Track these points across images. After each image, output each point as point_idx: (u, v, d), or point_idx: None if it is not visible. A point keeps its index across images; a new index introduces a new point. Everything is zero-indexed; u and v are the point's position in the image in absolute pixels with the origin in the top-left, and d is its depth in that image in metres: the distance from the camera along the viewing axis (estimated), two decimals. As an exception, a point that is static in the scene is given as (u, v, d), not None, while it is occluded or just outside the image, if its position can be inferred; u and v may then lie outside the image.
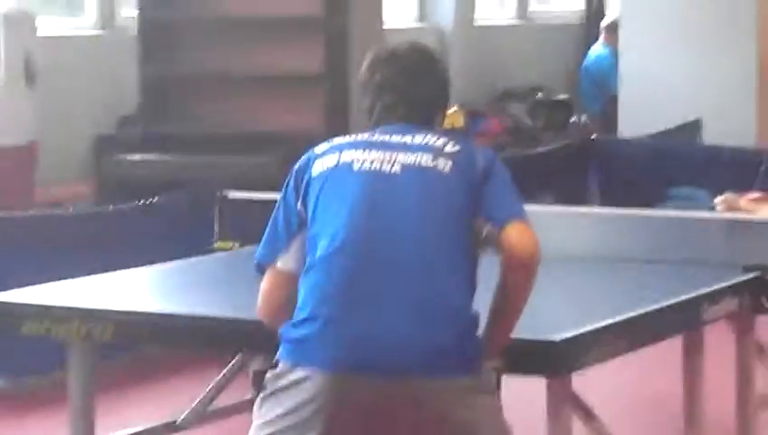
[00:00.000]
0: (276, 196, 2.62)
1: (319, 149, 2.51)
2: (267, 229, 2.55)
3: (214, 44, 6.99)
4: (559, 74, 10.86)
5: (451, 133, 2.69)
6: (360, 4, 7.14)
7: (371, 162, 2.43)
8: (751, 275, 3.43)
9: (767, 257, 3.65)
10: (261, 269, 2.51)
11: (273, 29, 6.95)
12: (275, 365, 2.38)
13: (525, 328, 2.82)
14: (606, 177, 7.44)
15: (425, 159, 2.44)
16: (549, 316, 3.10)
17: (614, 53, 9.47)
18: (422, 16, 9.96)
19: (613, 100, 9.11)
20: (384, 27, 7.74)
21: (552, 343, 2.75)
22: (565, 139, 8.66)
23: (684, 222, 4.30)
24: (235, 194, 4.31)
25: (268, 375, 2.41)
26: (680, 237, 4.10)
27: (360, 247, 2.36)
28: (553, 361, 2.83)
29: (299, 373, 2.31)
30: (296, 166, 2.52)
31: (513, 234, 2.37)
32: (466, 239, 2.45)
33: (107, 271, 3.69)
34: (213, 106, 7.10)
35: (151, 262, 3.88)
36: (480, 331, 2.47)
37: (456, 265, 2.44)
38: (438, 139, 2.48)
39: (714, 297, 3.36)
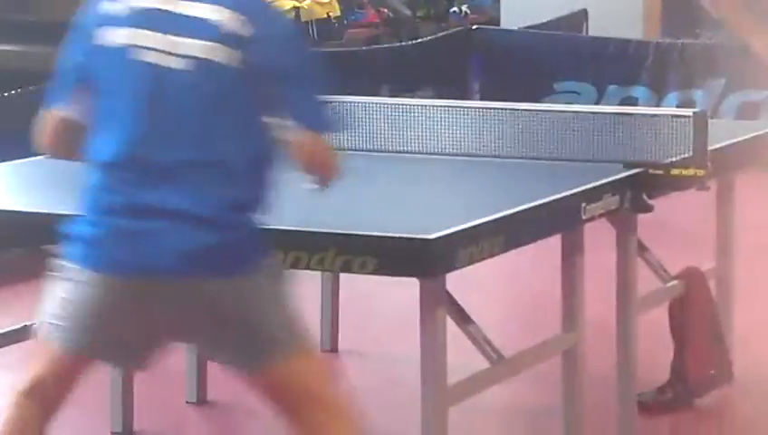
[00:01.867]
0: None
1: (107, 4, 2.42)
2: (59, 70, 2.53)
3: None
4: None
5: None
6: None
7: (153, 49, 2.35)
8: (632, 172, 3.40)
9: (650, 154, 3.62)
10: (47, 108, 2.52)
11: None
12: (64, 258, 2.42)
13: (397, 226, 2.85)
14: (487, 70, 7.54)
15: (208, 50, 2.36)
16: (423, 214, 3.07)
17: None
18: None
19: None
20: None
21: (425, 242, 2.69)
22: (445, 29, 8.73)
23: (565, 117, 4.32)
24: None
25: (59, 264, 2.45)
26: (561, 134, 4.14)
27: (140, 157, 2.35)
28: (427, 260, 2.78)
29: (84, 274, 2.36)
30: (88, 13, 2.46)
31: (306, 143, 2.41)
32: (254, 116, 2.43)
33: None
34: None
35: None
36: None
37: (238, 146, 2.44)
38: (218, 7, 2.37)
39: (593, 195, 3.31)
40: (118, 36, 2.41)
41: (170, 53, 2.39)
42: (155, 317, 2.46)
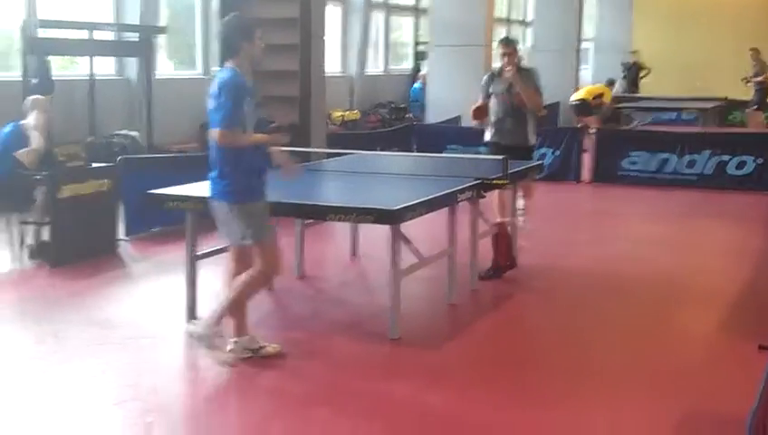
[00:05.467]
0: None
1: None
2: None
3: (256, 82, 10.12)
4: (402, 95, 19.05)
5: (222, 72, 4.81)
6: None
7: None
8: (476, 182, 6.27)
9: (485, 173, 6.48)
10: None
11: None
12: None
13: (381, 204, 5.30)
14: (419, 140, 13.05)
15: (210, 103, 4.76)
16: (392, 198, 5.50)
17: (424, 87, 16.72)
18: (343, 68, 17.95)
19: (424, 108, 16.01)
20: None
21: (393, 210, 5.16)
22: (404, 123, 15.41)
23: (451, 160, 7.48)
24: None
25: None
26: (449, 165, 7.20)
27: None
28: (393, 217, 5.18)
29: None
30: (238, 83, 4.76)
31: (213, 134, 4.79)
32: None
33: None
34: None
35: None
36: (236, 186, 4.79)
37: (217, 152, 4.84)
38: (215, 82, 4.74)
39: (461, 191, 6.10)
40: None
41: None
42: None
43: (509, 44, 7.90)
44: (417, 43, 20.25)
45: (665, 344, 5.71)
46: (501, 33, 24.16)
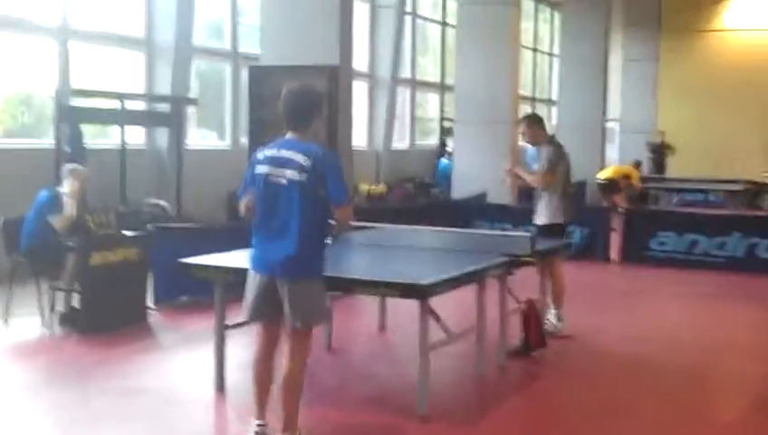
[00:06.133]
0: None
1: (260, 154, 4.59)
2: (243, 182, 4.68)
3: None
4: (427, 169, 19.24)
5: (309, 148, 4.53)
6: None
7: (273, 175, 4.50)
8: (505, 259, 6.26)
9: (512, 249, 6.47)
10: (238, 198, 4.75)
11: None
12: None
13: (409, 279, 5.21)
14: (443, 215, 12.87)
15: (295, 175, 4.46)
16: (420, 273, 5.44)
17: (451, 162, 16.79)
18: (369, 143, 18.26)
19: (450, 183, 16.36)
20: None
21: (422, 284, 5.07)
22: (429, 199, 15.86)
23: (479, 235, 7.45)
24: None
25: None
26: (478, 241, 7.18)
27: (268, 215, 4.49)
28: (422, 292, 5.08)
29: (252, 273, 4.66)
30: (253, 157, 4.65)
31: (337, 212, 4.54)
32: (316, 210, 4.49)
33: None
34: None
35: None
36: (315, 258, 4.52)
37: (307, 223, 4.45)
38: (301, 156, 4.42)
39: (491, 267, 6.06)
40: (261, 169, 4.54)
41: (279, 176, 4.47)
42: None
43: (520, 122, 8.16)
44: (442, 119, 20.42)
45: (693, 431, 5.61)
46: (526, 110, 24.43)
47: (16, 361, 7.02)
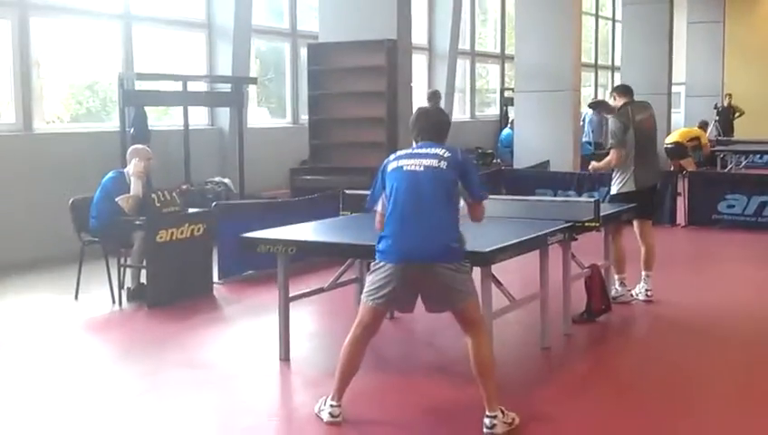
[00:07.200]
0: (363, 192, 5.14)
1: (391, 157, 4.68)
2: (370, 192, 4.76)
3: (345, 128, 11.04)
4: (489, 140, 19.25)
5: (446, 146, 4.70)
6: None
7: (410, 165, 4.56)
8: (567, 225, 6.13)
9: (575, 216, 6.39)
10: (368, 209, 4.81)
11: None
12: (375, 260, 4.53)
13: (472, 246, 4.89)
14: (508, 184, 12.66)
15: (433, 162, 4.53)
16: (483, 241, 5.20)
17: (512, 133, 16.54)
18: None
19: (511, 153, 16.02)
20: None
21: (483, 252, 5.01)
22: (491, 168, 15.10)
23: (542, 202, 7.41)
24: (348, 192, 7.10)
25: (372, 265, 4.59)
26: (540, 209, 7.16)
27: (408, 205, 4.43)
28: (484, 259, 5.06)
29: (383, 265, 4.51)
30: (383, 164, 4.67)
31: (475, 208, 4.73)
32: (453, 197, 4.54)
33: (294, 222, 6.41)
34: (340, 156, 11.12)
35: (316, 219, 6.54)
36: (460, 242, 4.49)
37: (447, 210, 4.49)
38: (440, 150, 4.57)
39: (552, 234, 5.91)
40: (393, 165, 4.58)
41: (418, 165, 4.50)
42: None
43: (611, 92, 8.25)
44: (503, 90, 20.25)
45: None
46: (589, 78, 24.06)
47: (90, 335, 7.22)
